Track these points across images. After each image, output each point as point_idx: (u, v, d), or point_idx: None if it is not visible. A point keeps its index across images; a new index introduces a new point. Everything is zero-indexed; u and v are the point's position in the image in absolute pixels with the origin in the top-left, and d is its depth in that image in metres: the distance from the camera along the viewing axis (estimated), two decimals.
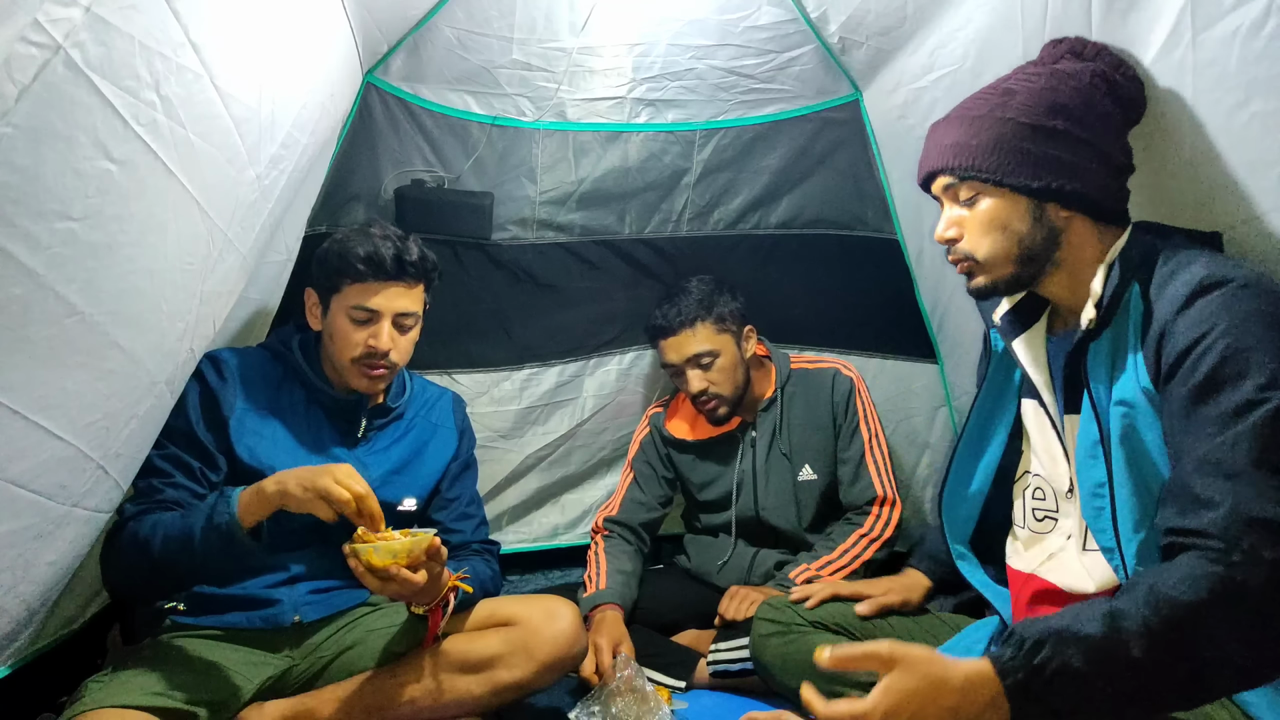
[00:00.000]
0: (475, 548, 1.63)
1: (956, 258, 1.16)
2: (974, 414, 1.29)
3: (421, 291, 1.56)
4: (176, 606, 1.37)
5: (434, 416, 1.68)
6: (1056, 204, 1.09)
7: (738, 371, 1.97)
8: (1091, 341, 1.07)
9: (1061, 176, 1.07)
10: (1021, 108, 1.09)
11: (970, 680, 0.86)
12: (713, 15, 1.89)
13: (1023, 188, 1.09)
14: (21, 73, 0.75)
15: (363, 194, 1.99)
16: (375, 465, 1.54)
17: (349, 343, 1.48)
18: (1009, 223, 1.11)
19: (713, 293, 1.98)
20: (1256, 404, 0.89)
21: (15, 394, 0.91)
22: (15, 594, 1.10)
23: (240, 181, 1.23)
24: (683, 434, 2.08)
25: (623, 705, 1.51)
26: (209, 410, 1.42)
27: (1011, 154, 1.08)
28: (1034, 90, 1.10)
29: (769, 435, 2.00)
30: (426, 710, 1.37)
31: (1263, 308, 0.92)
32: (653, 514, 2.07)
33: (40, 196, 0.82)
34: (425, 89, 1.96)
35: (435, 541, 1.26)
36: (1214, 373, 0.91)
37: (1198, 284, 0.95)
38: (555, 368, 2.29)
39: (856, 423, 1.97)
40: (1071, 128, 1.08)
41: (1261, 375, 0.89)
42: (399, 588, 1.23)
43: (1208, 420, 0.91)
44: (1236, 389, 0.90)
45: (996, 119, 1.10)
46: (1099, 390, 1.06)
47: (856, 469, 1.95)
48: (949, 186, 1.15)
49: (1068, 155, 1.08)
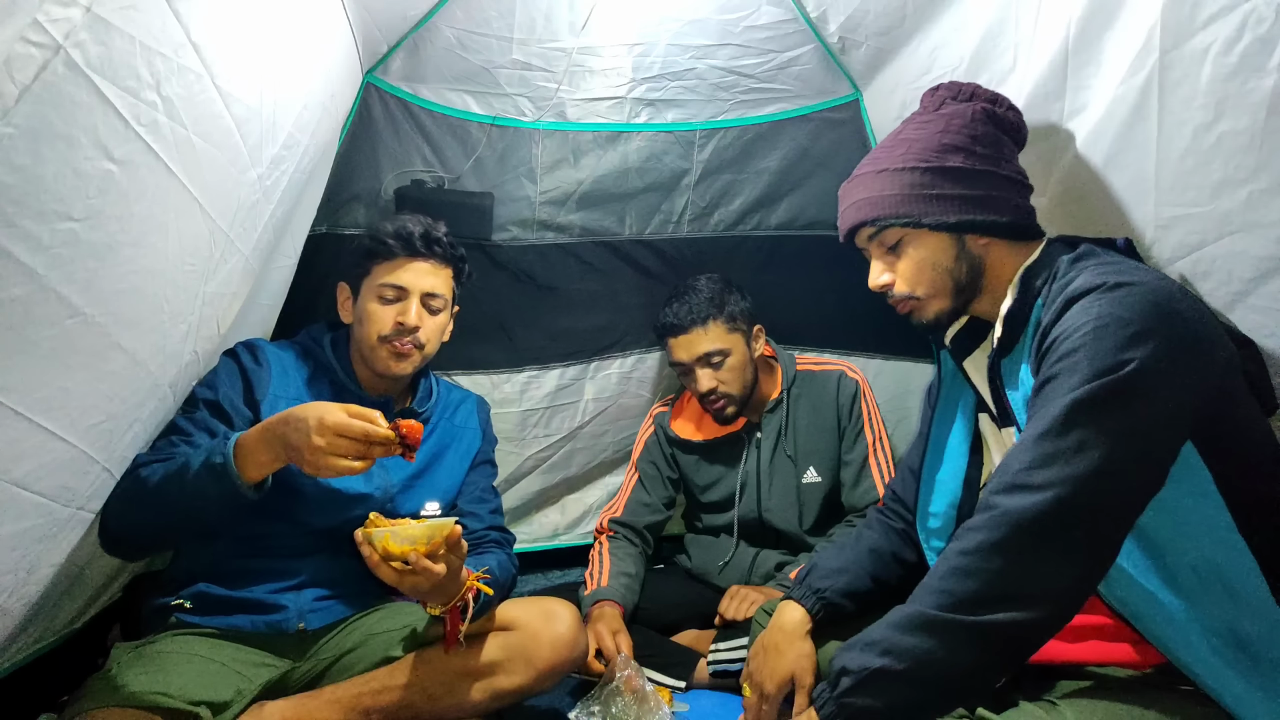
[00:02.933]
0: (494, 536, 1.58)
1: (895, 301, 1.25)
2: (933, 431, 1.33)
3: (449, 277, 1.57)
4: (183, 604, 1.37)
5: (458, 419, 1.68)
6: (974, 234, 1.17)
7: (747, 371, 1.97)
8: (1003, 357, 1.14)
9: (972, 208, 1.16)
10: (922, 153, 1.18)
11: None
12: (713, 15, 1.90)
13: (941, 225, 1.17)
14: (22, 73, 0.75)
15: (363, 194, 1.99)
16: (398, 469, 1.53)
17: (379, 320, 1.49)
18: (937, 260, 1.19)
19: (723, 291, 1.97)
20: (1064, 397, 0.93)
21: (17, 395, 0.91)
22: (18, 596, 1.09)
23: (242, 182, 1.23)
24: (688, 434, 2.08)
25: (623, 705, 1.51)
26: (243, 390, 1.42)
27: (923, 197, 1.17)
28: (927, 135, 1.20)
29: (774, 437, 2.00)
30: (425, 714, 1.36)
31: (1119, 311, 0.94)
32: (657, 516, 2.07)
33: (41, 197, 0.82)
34: (425, 89, 1.96)
35: (456, 529, 1.18)
36: (1051, 372, 0.97)
37: (1073, 292, 1.00)
38: (555, 370, 2.29)
39: (861, 425, 1.97)
40: (968, 161, 1.17)
41: (1075, 375, 0.93)
42: (418, 579, 1.15)
43: (1035, 417, 0.97)
44: (1056, 389, 0.95)
45: (899, 169, 1.19)
46: (1015, 400, 1.12)
47: (859, 471, 1.94)
48: (873, 237, 1.24)
49: (971, 188, 1.16)
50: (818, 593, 1.33)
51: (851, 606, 1.33)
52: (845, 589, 1.34)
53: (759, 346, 2.02)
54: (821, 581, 1.34)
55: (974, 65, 1.55)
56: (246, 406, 1.41)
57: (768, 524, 1.99)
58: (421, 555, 1.13)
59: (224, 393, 1.39)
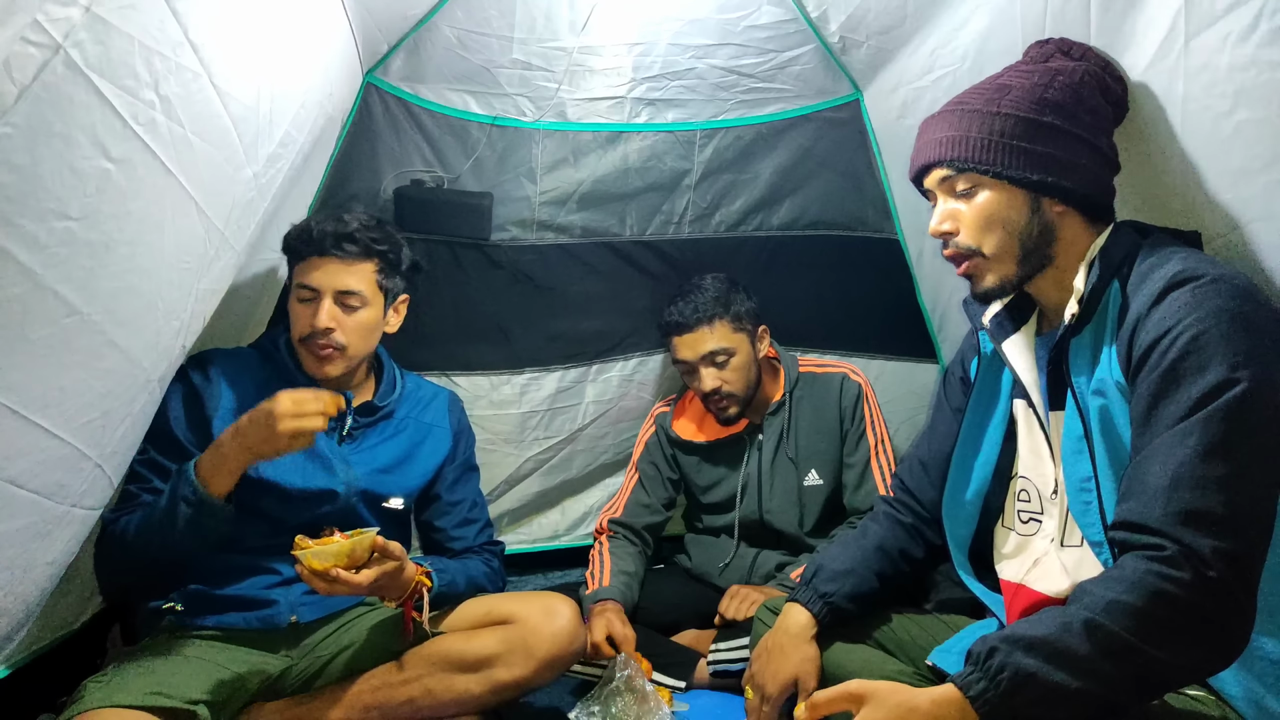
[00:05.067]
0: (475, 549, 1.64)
1: (957, 255, 1.16)
2: (968, 416, 1.29)
3: (370, 270, 1.52)
4: (174, 607, 1.37)
5: (428, 416, 1.68)
6: (1052, 198, 1.10)
7: (751, 371, 1.95)
8: (1073, 337, 1.08)
9: (1058, 170, 1.08)
10: (1017, 102, 1.10)
11: (937, 702, 0.90)
12: (713, 15, 1.89)
13: (1021, 180, 1.09)
14: (21, 72, 0.75)
15: (362, 194, 1.98)
16: (361, 463, 1.53)
17: (297, 321, 1.49)
18: (1008, 215, 1.11)
19: (729, 290, 1.96)
20: (1210, 398, 0.90)
21: (13, 393, 0.91)
22: (14, 594, 1.10)
23: (237, 180, 1.23)
24: (689, 435, 2.07)
25: (623, 705, 1.51)
26: (192, 410, 1.42)
27: (1009, 147, 1.09)
28: (1029, 86, 1.11)
29: (776, 439, 1.99)
30: (425, 709, 1.37)
31: (1230, 304, 0.93)
32: (656, 517, 2.06)
33: (39, 196, 0.82)
34: (425, 89, 1.96)
35: (378, 540, 1.28)
36: (1175, 366, 0.93)
37: (1171, 279, 0.96)
38: (556, 372, 2.27)
39: (863, 428, 1.95)
40: (1066, 123, 1.09)
41: (1219, 371, 0.90)
42: (345, 589, 1.25)
43: (1165, 412, 0.93)
44: (1194, 383, 0.91)
45: (993, 113, 1.10)
46: (1081, 384, 1.07)
47: (861, 474, 1.93)
48: (945, 179, 1.15)
49: (1063, 150, 1.09)
50: (824, 596, 1.30)
51: (857, 610, 1.32)
52: (851, 592, 1.31)
53: (763, 347, 2.01)
54: (828, 585, 1.31)
55: (978, 63, 1.54)
56: (198, 426, 1.42)
57: (768, 525, 1.98)
58: (341, 570, 1.23)
59: (175, 419, 1.41)
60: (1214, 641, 0.87)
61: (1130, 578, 0.88)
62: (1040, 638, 0.89)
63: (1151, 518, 0.90)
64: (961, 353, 1.40)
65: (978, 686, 0.88)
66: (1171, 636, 0.86)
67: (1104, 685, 0.86)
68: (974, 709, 0.88)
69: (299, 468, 1.44)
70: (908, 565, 1.37)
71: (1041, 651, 0.87)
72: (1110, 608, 0.87)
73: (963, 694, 0.89)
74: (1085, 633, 0.87)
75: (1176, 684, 0.97)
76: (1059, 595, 1.10)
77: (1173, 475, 0.89)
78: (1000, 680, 0.87)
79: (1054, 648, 0.87)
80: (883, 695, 0.92)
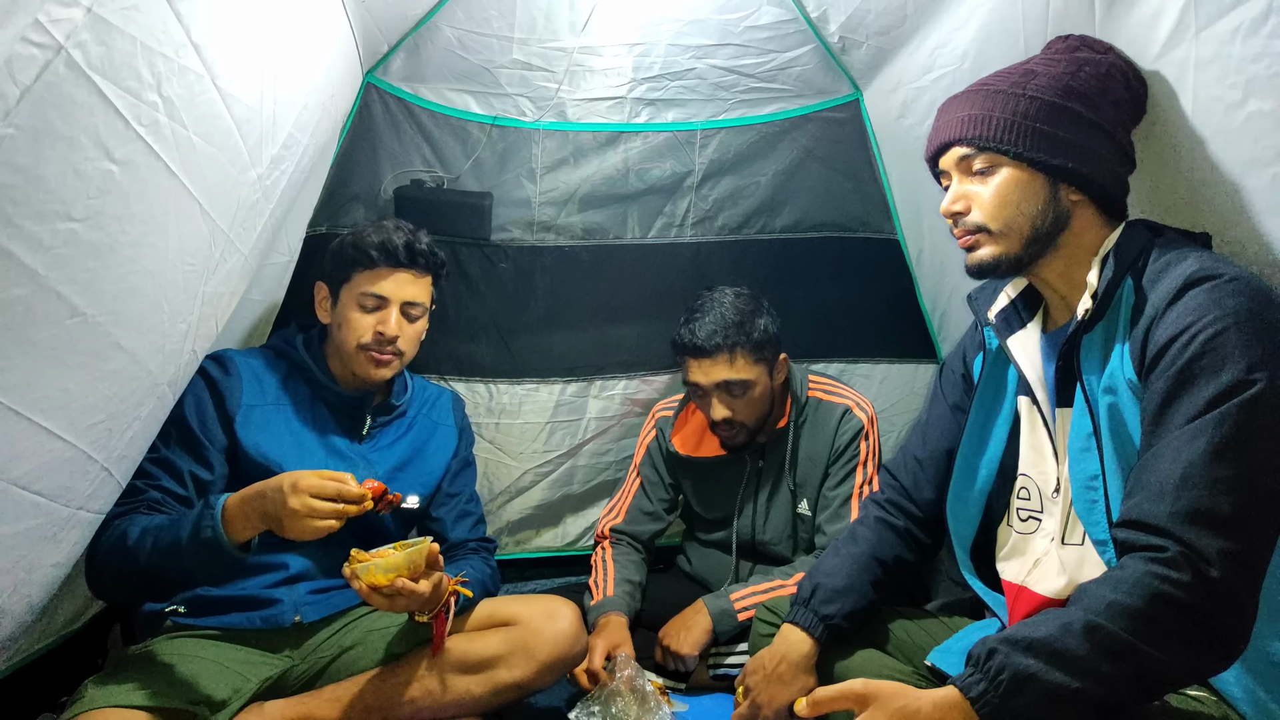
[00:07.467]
0: (472, 545, 1.64)
1: (964, 230, 1.15)
2: (973, 414, 1.29)
3: (429, 284, 1.60)
4: (177, 609, 1.37)
5: (434, 415, 1.70)
6: (1070, 186, 1.10)
7: (765, 404, 1.84)
8: (1085, 333, 1.08)
9: (1078, 158, 1.08)
10: (1043, 87, 1.10)
11: (939, 705, 0.90)
12: (713, 15, 1.90)
13: (1041, 164, 1.09)
14: (23, 73, 0.75)
15: (362, 194, 1.98)
16: (380, 461, 1.55)
17: (358, 328, 1.50)
18: (1024, 198, 1.10)
19: (753, 314, 1.79)
20: (1224, 398, 0.90)
21: (17, 395, 0.91)
22: (19, 596, 1.09)
23: (242, 182, 1.23)
24: (689, 450, 1.98)
25: (623, 705, 1.51)
26: (215, 407, 1.42)
27: (1033, 129, 1.09)
28: (1056, 73, 1.11)
29: (776, 465, 1.91)
30: (427, 710, 1.37)
31: (1249, 304, 0.93)
32: (658, 524, 2.02)
33: (42, 197, 0.82)
34: (425, 89, 1.96)
35: (434, 548, 1.28)
36: (1191, 364, 0.93)
37: (1189, 277, 0.96)
38: (556, 385, 2.24)
39: (853, 465, 1.84)
40: (1090, 112, 1.09)
41: (1235, 371, 0.90)
42: (407, 602, 1.24)
43: (1178, 410, 0.93)
44: (1209, 382, 0.91)
45: (1018, 94, 1.10)
46: (1091, 381, 1.07)
47: (839, 509, 1.83)
48: (964, 158, 1.14)
49: (1085, 138, 1.09)
50: (825, 620, 1.30)
51: (856, 627, 1.32)
52: (851, 611, 1.31)
53: (780, 377, 1.89)
54: (827, 607, 1.30)
55: (978, 63, 1.54)
56: (220, 423, 1.41)
57: (762, 549, 1.95)
58: (406, 580, 1.22)
59: (195, 416, 1.40)
60: (1214, 643, 0.88)
61: (1130, 579, 0.89)
62: (1040, 639, 0.89)
63: (1158, 515, 0.90)
64: (962, 347, 1.39)
65: (978, 688, 0.89)
66: (1171, 638, 0.87)
67: (1104, 686, 0.86)
68: (975, 710, 0.88)
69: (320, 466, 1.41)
70: (901, 570, 1.38)
71: (1041, 653, 0.88)
72: (1110, 609, 0.88)
73: (963, 696, 0.89)
74: (1085, 634, 0.87)
75: (1176, 685, 0.98)
76: (1059, 595, 1.10)
77: (1182, 473, 0.90)
78: (1000, 681, 0.88)
79: (1054, 649, 0.88)
80: (885, 698, 0.92)
